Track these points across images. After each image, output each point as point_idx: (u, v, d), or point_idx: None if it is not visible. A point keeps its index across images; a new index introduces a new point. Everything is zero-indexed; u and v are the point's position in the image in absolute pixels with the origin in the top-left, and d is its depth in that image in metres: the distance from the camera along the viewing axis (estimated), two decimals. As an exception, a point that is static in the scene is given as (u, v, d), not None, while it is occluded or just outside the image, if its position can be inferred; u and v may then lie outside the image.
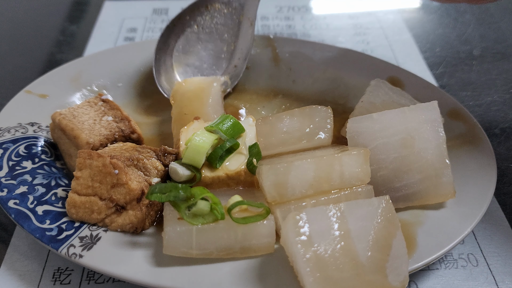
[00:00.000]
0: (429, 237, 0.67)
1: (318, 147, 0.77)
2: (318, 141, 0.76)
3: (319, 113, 0.78)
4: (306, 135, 0.77)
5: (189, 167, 0.71)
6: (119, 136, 0.79)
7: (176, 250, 0.62)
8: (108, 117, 0.81)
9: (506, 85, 1.11)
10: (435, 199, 0.71)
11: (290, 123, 0.78)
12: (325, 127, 0.77)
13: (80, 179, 0.68)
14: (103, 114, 0.81)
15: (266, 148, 0.77)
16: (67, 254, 0.63)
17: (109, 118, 0.81)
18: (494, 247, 0.74)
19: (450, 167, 0.71)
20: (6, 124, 0.81)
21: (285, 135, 0.77)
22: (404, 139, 0.72)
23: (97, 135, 0.76)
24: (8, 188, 0.70)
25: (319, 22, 1.35)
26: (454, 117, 0.86)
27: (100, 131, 0.78)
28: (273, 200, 0.66)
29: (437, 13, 1.41)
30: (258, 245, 0.63)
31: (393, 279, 0.57)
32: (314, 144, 0.76)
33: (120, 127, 0.80)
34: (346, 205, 0.61)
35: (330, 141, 0.77)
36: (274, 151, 0.77)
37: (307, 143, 0.76)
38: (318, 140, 0.76)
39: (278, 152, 0.77)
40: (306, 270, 0.56)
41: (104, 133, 0.77)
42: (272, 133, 0.78)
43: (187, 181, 0.71)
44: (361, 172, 0.68)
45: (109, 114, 0.81)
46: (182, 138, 0.77)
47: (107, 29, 1.29)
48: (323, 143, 0.77)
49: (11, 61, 1.18)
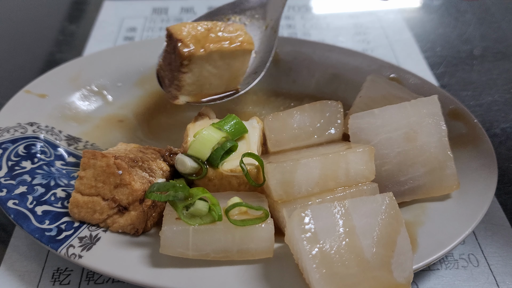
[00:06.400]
0: (429, 237, 0.67)
1: (329, 142, 0.77)
2: (328, 136, 0.77)
3: (330, 108, 0.79)
4: (317, 130, 0.78)
5: (196, 159, 0.71)
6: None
7: (172, 250, 0.62)
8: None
9: (507, 84, 1.10)
10: (440, 191, 0.72)
11: (301, 118, 0.79)
12: (336, 122, 0.78)
13: (84, 179, 0.68)
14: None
15: (278, 144, 0.78)
16: (66, 255, 0.63)
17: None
18: (495, 248, 0.74)
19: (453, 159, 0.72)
20: (5, 124, 0.81)
21: (297, 131, 0.78)
22: (407, 134, 0.72)
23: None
24: (8, 188, 0.70)
25: (319, 22, 1.35)
26: (455, 117, 0.86)
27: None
28: (280, 199, 0.67)
29: (437, 12, 1.41)
30: (256, 249, 0.63)
31: (398, 275, 0.57)
32: (325, 139, 0.77)
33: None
34: (350, 202, 0.61)
35: (340, 136, 0.78)
36: (285, 147, 0.77)
37: (318, 138, 0.77)
38: (329, 135, 0.77)
39: (290, 148, 0.77)
40: (312, 266, 0.56)
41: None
42: (283, 129, 0.78)
43: (192, 174, 0.72)
44: (366, 170, 0.69)
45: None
46: (189, 134, 0.77)
47: (107, 29, 1.29)
48: (334, 138, 0.78)
49: (11, 60, 1.18)
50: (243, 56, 0.81)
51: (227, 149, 0.72)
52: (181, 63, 0.75)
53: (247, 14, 0.92)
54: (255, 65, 0.87)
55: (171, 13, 1.37)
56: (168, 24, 1.31)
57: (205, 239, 0.62)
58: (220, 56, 0.78)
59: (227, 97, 0.83)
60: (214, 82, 0.81)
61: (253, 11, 0.91)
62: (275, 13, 0.89)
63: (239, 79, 0.85)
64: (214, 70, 0.79)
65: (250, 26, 0.91)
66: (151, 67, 0.98)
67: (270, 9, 0.90)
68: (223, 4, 0.92)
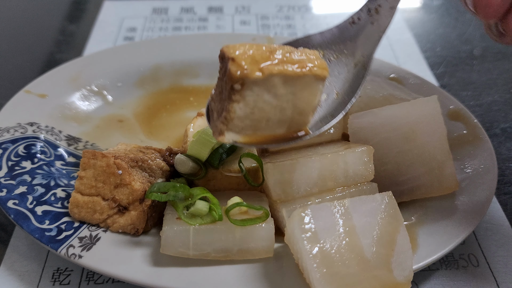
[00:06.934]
0: (429, 237, 0.67)
1: (328, 142, 0.77)
2: (328, 136, 0.77)
3: None
4: None
5: (195, 160, 0.71)
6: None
7: (173, 250, 0.62)
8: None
9: (507, 84, 1.10)
10: (439, 191, 0.72)
11: None
12: None
13: (84, 179, 0.68)
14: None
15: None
16: (66, 255, 0.63)
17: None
18: (495, 248, 0.74)
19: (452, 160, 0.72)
20: (5, 124, 0.81)
21: None
22: (406, 133, 0.72)
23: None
24: (8, 188, 0.70)
25: (319, 22, 1.35)
26: (455, 117, 0.86)
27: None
28: (278, 198, 0.67)
29: (437, 12, 1.41)
30: (257, 248, 0.63)
31: (398, 274, 0.58)
32: (325, 138, 0.77)
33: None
34: (350, 202, 0.61)
35: (340, 136, 0.78)
36: (284, 147, 0.77)
37: (317, 138, 0.77)
38: (328, 135, 0.77)
39: (289, 147, 0.77)
40: (312, 266, 0.56)
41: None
42: None
43: (191, 174, 0.71)
44: (365, 170, 0.69)
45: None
46: (189, 134, 0.77)
47: (107, 29, 1.28)
48: (333, 138, 0.77)
49: (10, 60, 1.18)
50: (313, 84, 0.61)
51: (227, 149, 0.72)
52: (232, 87, 0.58)
53: (334, 48, 0.74)
54: (334, 107, 0.69)
55: (171, 13, 1.37)
56: (168, 24, 1.31)
57: (205, 238, 0.62)
58: (282, 82, 0.59)
59: (289, 141, 0.64)
60: (274, 118, 0.61)
61: (342, 46, 0.73)
62: (368, 48, 0.72)
63: (307, 118, 0.64)
64: (274, 101, 0.60)
65: (336, 63, 0.73)
66: (151, 67, 0.99)
67: (361, 43, 0.72)
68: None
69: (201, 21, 1.33)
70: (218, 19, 1.34)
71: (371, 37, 0.72)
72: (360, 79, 0.70)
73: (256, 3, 1.42)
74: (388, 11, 0.70)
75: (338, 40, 0.74)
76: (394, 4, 0.69)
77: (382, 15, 0.71)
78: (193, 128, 0.78)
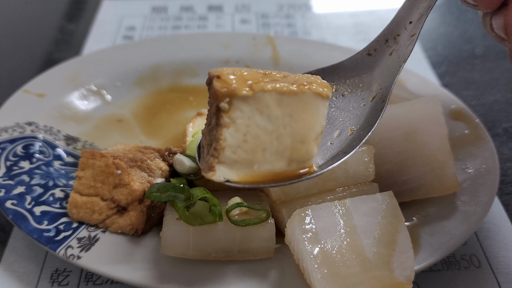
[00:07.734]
0: (431, 238, 0.66)
1: None
2: None
3: None
4: None
5: (195, 160, 0.71)
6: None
7: (173, 250, 0.62)
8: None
9: (508, 84, 1.10)
10: (440, 191, 0.72)
11: None
12: None
13: (83, 179, 0.68)
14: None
15: None
16: (65, 255, 0.62)
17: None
18: (496, 248, 0.74)
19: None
20: (3, 123, 0.80)
21: None
22: (407, 133, 0.72)
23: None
24: (6, 188, 0.70)
25: (320, 21, 1.35)
26: (456, 117, 0.85)
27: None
28: (278, 199, 0.66)
29: (439, 11, 1.41)
30: (257, 249, 0.63)
31: (399, 274, 0.57)
32: None
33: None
34: (351, 201, 0.61)
35: None
36: None
37: None
38: None
39: None
40: (313, 267, 0.56)
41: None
42: None
43: (190, 174, 0.71)
44: (366, 170, 0.68)
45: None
46: (188, 134, 0.76)
47: (106, 28, 1.28)
48: None
49: (9, 60, 1.18)
50: (313, 104, 0.53)
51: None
52: (218, 107, 0.50)
53: (348, 82, 0.68)
54: (347, 143, 0.63)
55: (171, 12, 1.36)
56: (168, 23, 1.30)
57: (206, 239, 0.62)
58: (277, 102, 0.51)
59: (291, 180, 0.57)
60: (271, 148, 0.54)
61: (357, 79, 0.68)
62: (386, 80, 0.66)
63: (310, 147, 0.56)
64: (269, 125, 0.52)
65: (350, 97, 0.67)
66: (151, 67, 0.98)
67: (379, 75, 0.67)
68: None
69: (201, 20, 1.33)
70: (218, 18, 1.33)
71: (390, 68, 0.66)
72: (378, 113, 0.64)
73: (256, 1, 1.41)
74: (408, 40, 0.65)
75: (353, 73, 0.68)
76: (415, 31, 0.65)
77: (402, 45, 0.66)
78: (192, 127, 0.78)
